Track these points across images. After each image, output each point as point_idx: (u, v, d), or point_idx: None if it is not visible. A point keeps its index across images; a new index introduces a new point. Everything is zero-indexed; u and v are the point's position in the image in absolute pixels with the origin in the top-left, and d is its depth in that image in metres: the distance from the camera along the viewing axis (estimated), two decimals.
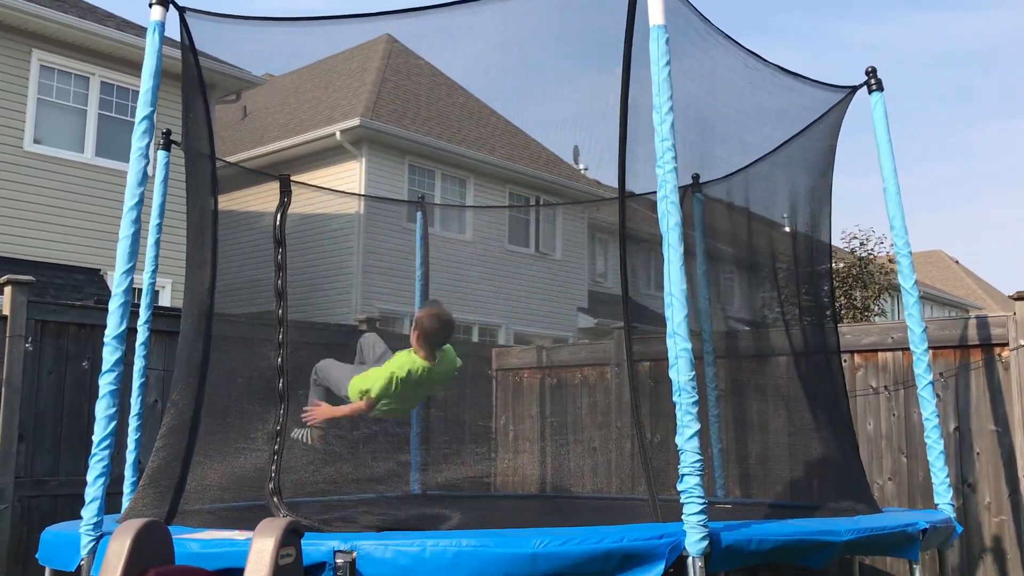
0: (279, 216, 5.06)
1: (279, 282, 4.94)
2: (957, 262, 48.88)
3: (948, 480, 4.79)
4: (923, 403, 4.85)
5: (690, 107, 5.00)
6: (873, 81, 5.11)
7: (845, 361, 5.83)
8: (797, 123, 5.57)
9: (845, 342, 5.80)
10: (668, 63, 3.70)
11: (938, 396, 5.32)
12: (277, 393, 4.79)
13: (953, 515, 4.74)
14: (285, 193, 5.24)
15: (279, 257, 4.94)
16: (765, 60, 5.04)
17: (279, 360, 4.81)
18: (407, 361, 5.15)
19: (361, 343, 5.74)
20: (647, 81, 3.77)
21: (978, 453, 5.36)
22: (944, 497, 4.77)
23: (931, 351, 5.09)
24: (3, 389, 5.48)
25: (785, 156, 5.75)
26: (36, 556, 4.32)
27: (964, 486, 5.37)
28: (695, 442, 3.36)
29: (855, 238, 21.77)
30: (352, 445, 6.59)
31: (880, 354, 5.80)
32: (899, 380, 5.69)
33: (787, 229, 6.04)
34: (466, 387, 7.84)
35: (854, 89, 5.24)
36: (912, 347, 4.91)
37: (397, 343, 5.59)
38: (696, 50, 4.77)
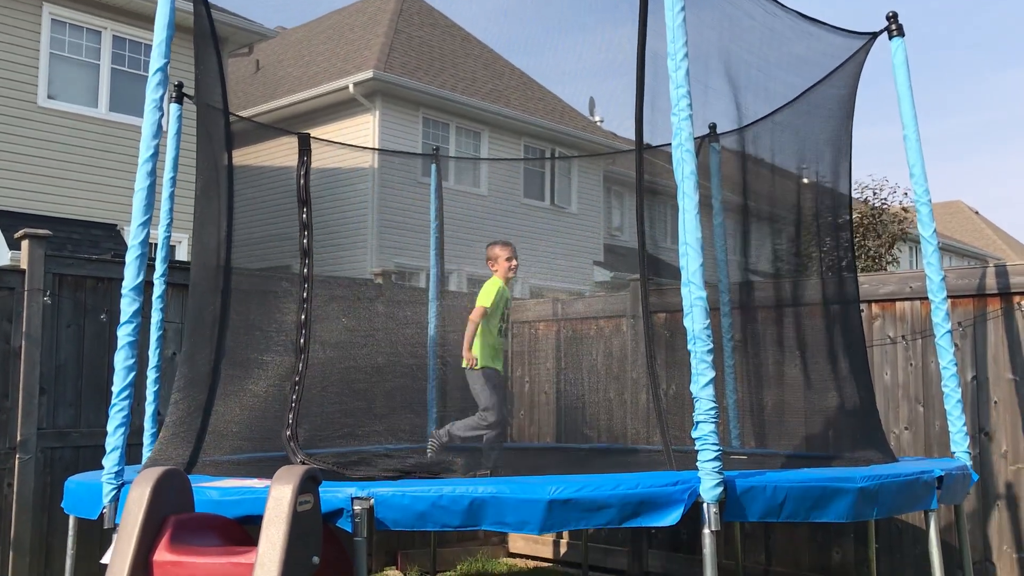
0: (302, 175, 5.05)
1: (304, 241, 4.95)
2: (977, 212, 48.39)
3: (965, 429, 4.79)
4: (941, 352, 4.83)
5: (705, 55, 4.94)
6: (894, 27, 5.01)
7: (862, 311, 5.80)
8: (817, 71, 5.48)
9: (863, 292, 5.76)
10: (683, 9, 3.65)
11: (956, 345, 5.29)
12: (297, 346, 4.82)
13: (969, 463, 4.74)
14: (305, 152, 5.21)
15: (304, 216, 4.93)
16: (784, 6, 4.95)
17: (302, 316, 4.84)
18: (498, 283, 6.01)
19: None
20: (664, 31, 3.72)
21: (995, 402, 5.34)
22: (961, 445, 4.77)
23: (949, 300, 5.05)
24: (23, 342, 5.53)
25: (805, 105, 5.67)
26: (62, 505, 4.39)
27: (981, 435, 5.36)
28: (710, 390, 3.37)
29: (868, 188, 21.57)
30: (370, 397, 6.64)
31: (898, 303, 5.76)
32: (916, 330, 5.66)
33: (805, 180, 5.98)
34: None
35: (874, 35, 5.15)
36: (930, 296, 4.88)
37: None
38: None
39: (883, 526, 5.64)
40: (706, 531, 3.30)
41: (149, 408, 5.17)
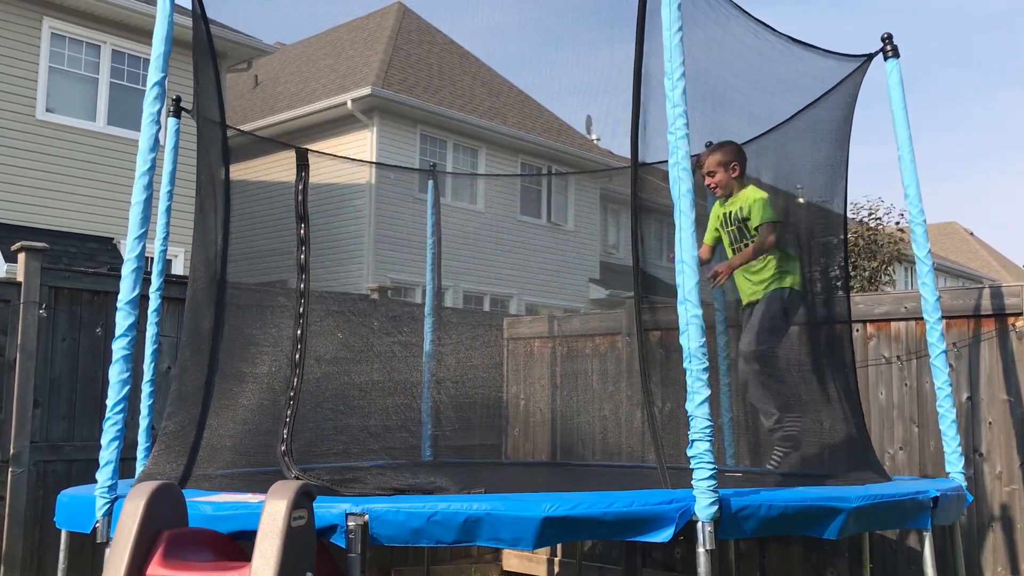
0: (300, 190, 5.04)
1: (302, 256, 4.95)
2: (972, 234, 48.57)
3: (960, 449, 4.79)
4: (935, 372, 4.84)
5: (700, 78, 4.97)
6: (889, 48, 5.04)
7: (857, 331, 5.81)
8: (812, 93, 5.51)
9: (858, 311, 5.78)
10: (680, 29, 3.67)
11: (951, 366, 5.30)
12: (292, 361, 4.82)
13: (964, 484, 4.74)
14: (303, 167, 5.20)
15: (301, 232, 4.93)
16: (776, 31, 4.99)
17: (298, 331, 4.83)
18: (758, 193, 5.44)
19: None
20: (661, 51, 3.75)
21: (990, 423, 5.35)
22: (955, 466, 4.77)
23: (944, 321, 5.06)
24: (18, 355, 5.52)
25: (801, 126, 5.70)
26: (54, 520, 4.37)
27: (975, 456, 5.36)
28: (705, 408, 3.37)
29: (863, 208, 21.65)
30: (364, 413, 6.64)
31: (893, 324, 5.77)
32: (912, 350, 5.67)
33: (800, 200, 6.00)
34: (477, 356, 7.86)
35: (869, 57, 5.18)
36: (925, 316, 4.89)
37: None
38: (708, 20, 4.74)
39: (877, 546, 5.63)
40: (701, 550, 3.30)
41: (143, 422, 5.15)
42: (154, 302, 5.24)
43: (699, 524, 3.31)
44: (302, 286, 4.94)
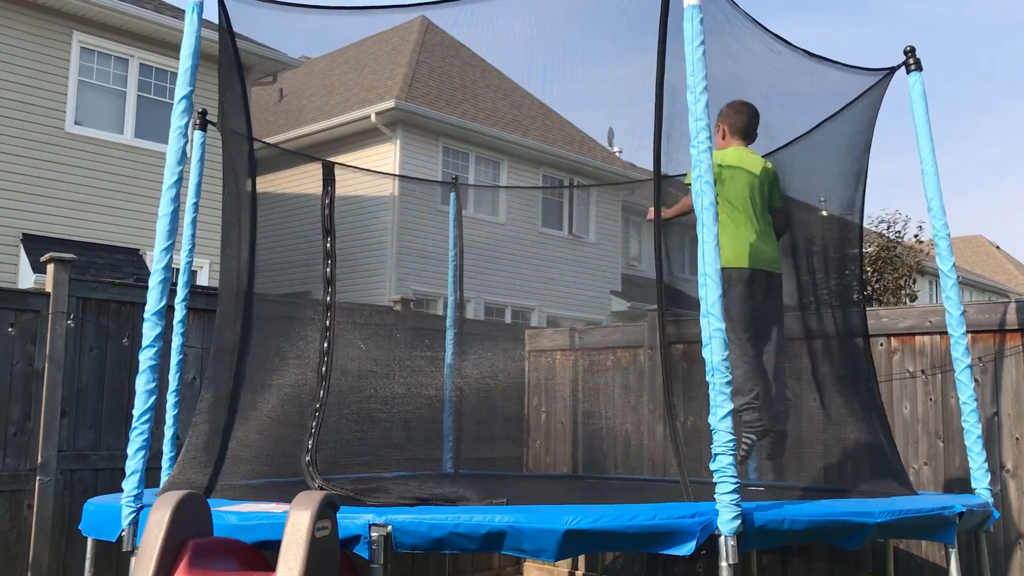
0: (327, 204, 5.07)
1: (328, 270, 4.98)
2: (998, 247, 48.08)
3: (986, 465, 4.74)
4: (961, 387, 4.80)
5: (719, 90, 4.97)
6: (911, 61, 5.03)
7: (881, 345, 5.78)
8: (834, 105, 5.50)
9: (882, 325, 5.75)
10: (702, 43, 3.69)
11: (976, 381, 5.26)
12: (319, 373, 4.85)
13: (990, 500, 4.69)
14: (329, 181, 5.22)
15: (328, 245, 4.96)
16: (793, 46, 4.99)
17: (324, 343, 4.86)
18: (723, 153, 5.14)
19: None
20: (683, 63, 3.76)
21: (1017, 439, 5.29)
22: (981, 482, 4.73)
23: (970, 335, 5.02)
24: (46, 364, 5.59)
25: (821, 138, 5.69)
26: (79, 527, 4.42)
27: (1002, 472, 5.31)
28: (728, 422, 3.37)
29: (883, 221, 21.53)
30: (387, 425, 6.66)
31: (917, 338, 5.74)
32: (936, 364, 5.63)
33: (824, 212, 5.98)
34: (499, 368, 7.87)
35: (892, 70, 5.17)
36: (950, 330, 4.86)
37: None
38: (725, 34, 4.74)
39: (902, 562, 5.58)
40: (723, 564, 3.29)
41: (168, 432, 5.20)
42: (179, 313, 5.29)
43: (722, 538, 3.30)
44: (328, 298, 4.97)
